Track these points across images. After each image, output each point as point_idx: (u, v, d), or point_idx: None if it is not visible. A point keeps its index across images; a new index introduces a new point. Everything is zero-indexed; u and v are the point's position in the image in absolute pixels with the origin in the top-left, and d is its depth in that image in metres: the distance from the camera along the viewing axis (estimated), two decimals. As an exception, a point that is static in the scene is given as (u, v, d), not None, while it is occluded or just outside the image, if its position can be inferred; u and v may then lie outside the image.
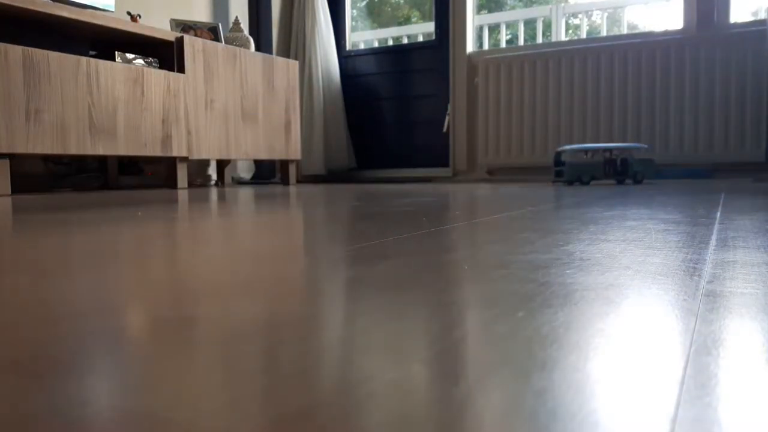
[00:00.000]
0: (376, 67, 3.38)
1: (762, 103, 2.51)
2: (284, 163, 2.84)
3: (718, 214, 0.87)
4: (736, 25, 2.59)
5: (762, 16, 2.62)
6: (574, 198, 1.33)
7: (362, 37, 3.56)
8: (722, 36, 2.55)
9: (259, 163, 3.22)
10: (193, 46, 2.28)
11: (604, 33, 2.98)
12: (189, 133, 2.29)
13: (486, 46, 3.18)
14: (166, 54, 2.30)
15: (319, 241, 0.62)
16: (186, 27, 2.46)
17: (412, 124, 3.31)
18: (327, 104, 3.31)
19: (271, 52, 3.17)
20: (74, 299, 0.35)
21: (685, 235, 0.62)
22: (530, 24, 3.14)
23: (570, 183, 2.17)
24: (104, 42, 2.27)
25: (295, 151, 2.80)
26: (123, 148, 2.06)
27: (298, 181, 3.36)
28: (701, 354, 0.24)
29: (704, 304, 0.32)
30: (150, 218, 0.93)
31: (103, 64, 1.99)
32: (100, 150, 1.99)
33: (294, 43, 3.37)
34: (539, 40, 3.09)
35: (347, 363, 0.23)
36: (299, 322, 0.29)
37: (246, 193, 1.86)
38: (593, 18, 3.14)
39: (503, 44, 3.19)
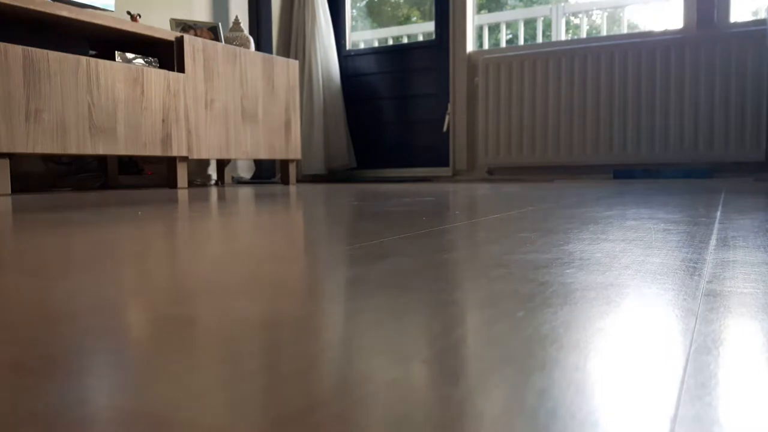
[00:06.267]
0: (376, 67, 3.38)
1: (762, 103, 2.51)
2: (284, 163, 2.84)
3: (718, 213, 0.87)
4: (736, 24, 2.59)
5: (762, 16, 2.62)
6: (574, 198, 1.33)
7: (362, 36, 3.56)
8: (722, 36, 2.55)
9: (259, 163, 3.22)
10: (193, 45, 2.28)
11: (604, 33, 2.98)
12: (189, 132, 2.28)
13: (486, 46, 3.18)
14: (166, 54, 2.30)
15: (319, 241, 0.62)
16: (186, 27, 2.46)
17: (412, 124, 3.31)
18: (327, 104, 3.31)
19: (271, 52, 3.17)
20: (74, 298, 0.35)
21: (685, 235, 0.62)
22: (530, 24, 3.14)
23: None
24: (104, 42, 2.27)
25: (295, 151, 2.80)
26: (123, 147, 2.06)
27: (298, 181, 3.36)
28: (701, 353, 0.24)
29: (704, 304, 0.32)
30: (150, 218, 0.93)
31: (103, 63, 1.99)
32: (100, 149, 1.98)
33: (294, 43, 3.37)
34: (539, 39, 3.09)
35: (347, 362, 0.23)
36: (299, 321, 0.29)
37: (246, 193, 1.86)
38: (593, 18, 3.14)
39: (503, 44, 3.19)
